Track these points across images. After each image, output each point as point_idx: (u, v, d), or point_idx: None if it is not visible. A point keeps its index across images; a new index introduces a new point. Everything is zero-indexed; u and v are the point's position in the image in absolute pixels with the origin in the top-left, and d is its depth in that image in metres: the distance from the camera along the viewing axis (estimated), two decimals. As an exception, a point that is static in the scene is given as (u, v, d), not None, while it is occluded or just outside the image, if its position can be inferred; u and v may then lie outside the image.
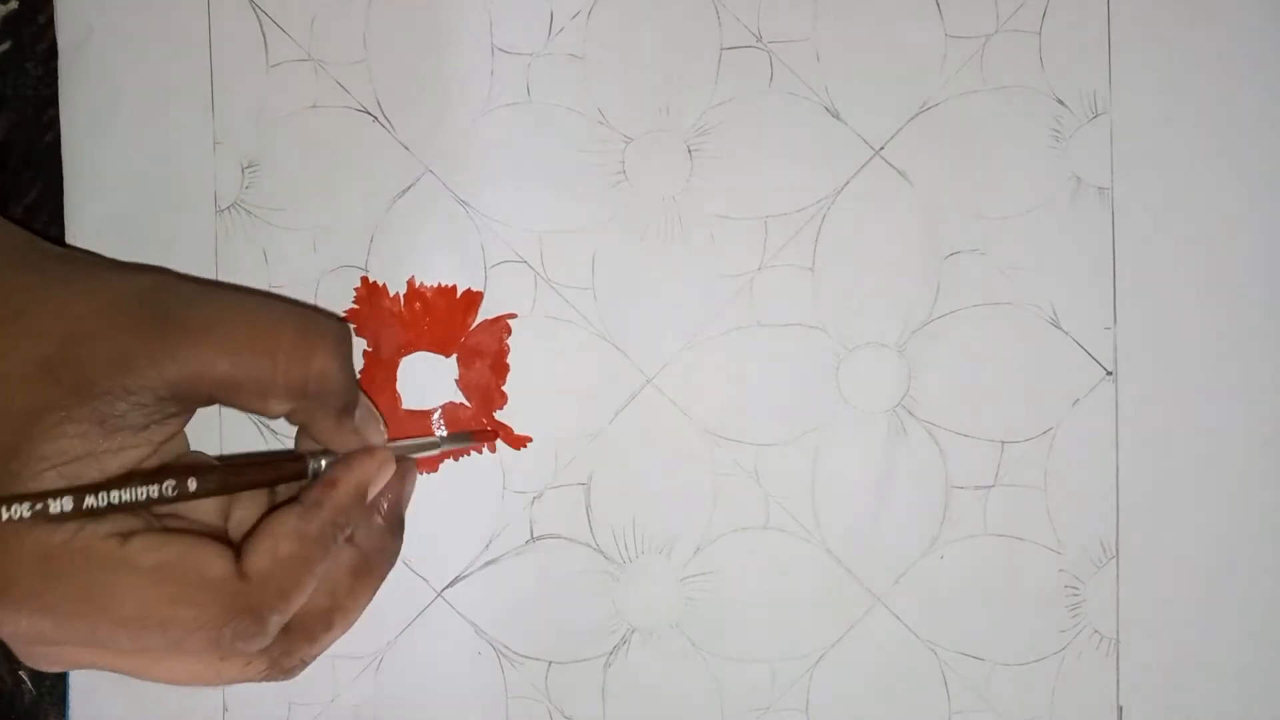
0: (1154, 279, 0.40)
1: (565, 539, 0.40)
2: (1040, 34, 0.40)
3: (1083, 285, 0.40)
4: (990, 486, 0.40)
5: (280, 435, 0.41)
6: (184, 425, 0.34)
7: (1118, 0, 0.40)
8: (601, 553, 0.40)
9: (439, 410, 0.40)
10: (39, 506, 0.29)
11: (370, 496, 0.35)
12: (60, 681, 0.41)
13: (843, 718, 0.40)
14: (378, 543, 0.36)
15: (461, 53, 0.41)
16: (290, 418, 0.34)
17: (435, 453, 0.39)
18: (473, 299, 0.40)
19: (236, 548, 0.32)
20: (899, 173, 0.40)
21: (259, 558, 0.32)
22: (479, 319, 0.40)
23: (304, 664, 0.34)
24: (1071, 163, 0.40)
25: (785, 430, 0.40)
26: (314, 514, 0.33)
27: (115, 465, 0.31)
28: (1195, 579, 0.40)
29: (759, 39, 0.40)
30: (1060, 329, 0.40)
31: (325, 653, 0.35)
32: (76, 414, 0.30)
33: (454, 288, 0.40)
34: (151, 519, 0.32)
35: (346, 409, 0.34)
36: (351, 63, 0.41)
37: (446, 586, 0.40)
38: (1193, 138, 0.40)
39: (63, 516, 0.30)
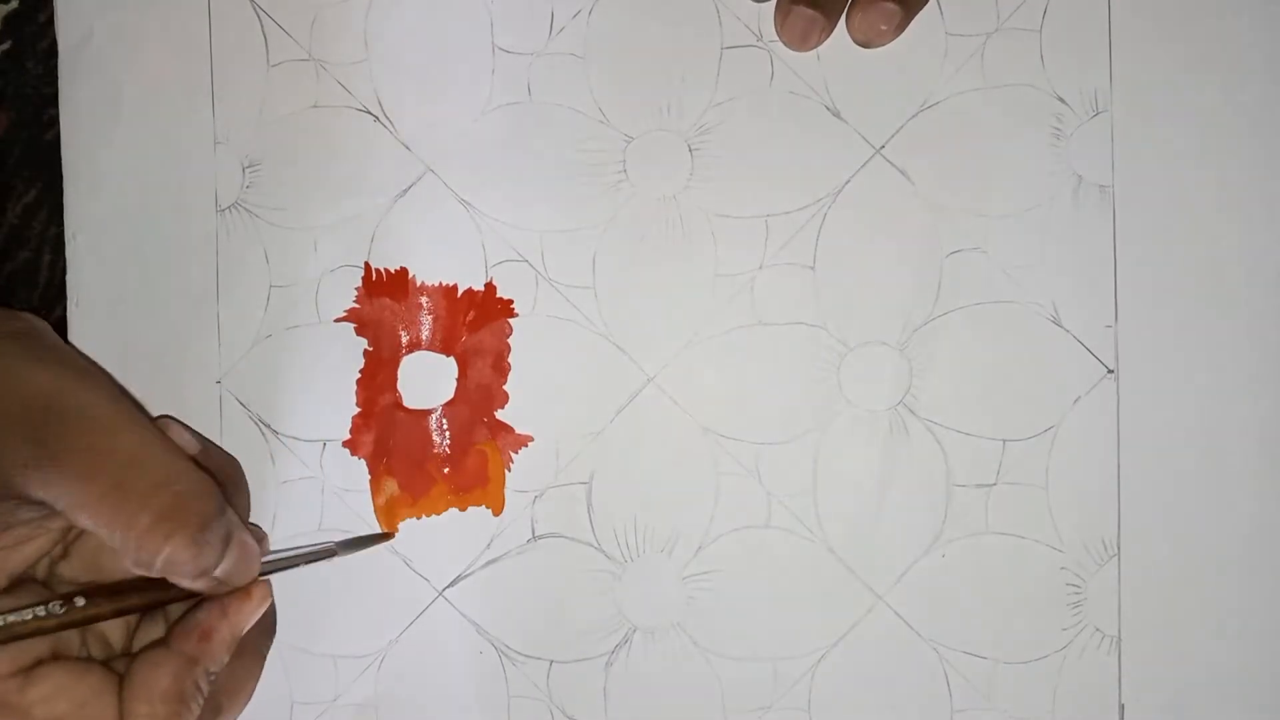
0: (1155, 277, 0.40)
1: (567, 538, 0.40)
2: (1041, 32, 0.40)
3: (1084, 283, 0.40)
4: (992, 485, 0.40)
5: (281, 436, 0.41)
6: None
7: (1118, -2, 0.40)
8: (603, 552, 0.40)
9: (439, 409, 0.40)
10: None
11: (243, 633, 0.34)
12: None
13: (845, 717, 0.40)
14: (236, 683, 0.35)
15: (461, 53, 0.41)
16: None
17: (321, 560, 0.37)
18: (474, 298, 0.40)
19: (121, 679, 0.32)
20: (900, 171, 0.40)
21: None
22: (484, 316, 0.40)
23: None
24: (1072, 161, 0.40)
25: (786, 429, 0.40)
26: (187, 673, 0.33)
27: (17, 560, 0.32)
28: (1197, 576, 0.40)
29: (760, 38, 0.40)
30: (1061, 327, 0.40)
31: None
32: None
33: (455, 287, 0.40)
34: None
35: (204, 573, 0.32)
36: (352, 63, 0.41)
37: (448, 586, 0.40)
38: (1194, 136, 0.40)
39: None
